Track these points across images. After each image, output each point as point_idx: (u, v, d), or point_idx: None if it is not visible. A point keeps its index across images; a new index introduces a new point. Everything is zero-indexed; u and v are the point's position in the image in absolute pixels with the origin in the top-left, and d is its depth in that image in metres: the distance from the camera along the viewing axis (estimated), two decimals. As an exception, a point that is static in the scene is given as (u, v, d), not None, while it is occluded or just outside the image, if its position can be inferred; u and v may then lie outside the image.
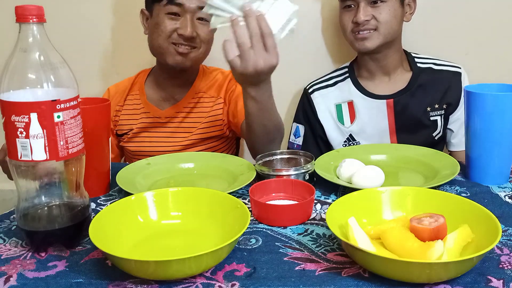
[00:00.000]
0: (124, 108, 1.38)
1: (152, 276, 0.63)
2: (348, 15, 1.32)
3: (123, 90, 1.41)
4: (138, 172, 1.00)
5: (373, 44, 1.30)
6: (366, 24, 1.29)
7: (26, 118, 0.66)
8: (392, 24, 1.30)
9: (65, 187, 0.73)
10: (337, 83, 1.43)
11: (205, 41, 1.25)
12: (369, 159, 1.03)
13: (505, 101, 0.88)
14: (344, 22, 1.34)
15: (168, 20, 1.22)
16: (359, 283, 0.61)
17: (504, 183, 0.93)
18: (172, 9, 1.22)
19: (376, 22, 1.29)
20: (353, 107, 1.40)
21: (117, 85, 1.43)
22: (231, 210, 0.74)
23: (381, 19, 1.29)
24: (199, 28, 1.23)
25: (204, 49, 1.27)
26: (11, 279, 0.65)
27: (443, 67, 1.38)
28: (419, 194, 0.77)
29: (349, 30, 1.33)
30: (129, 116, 1.38)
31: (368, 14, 1.28)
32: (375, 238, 0.69)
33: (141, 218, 0.76)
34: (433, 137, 1.38)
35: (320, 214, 0.82)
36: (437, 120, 1.37)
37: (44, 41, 0.68)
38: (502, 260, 0.66)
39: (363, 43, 1.31)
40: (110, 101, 0.94)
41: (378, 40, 1.30)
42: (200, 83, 1.37)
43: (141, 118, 1.37)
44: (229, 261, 0.67)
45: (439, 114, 1.37)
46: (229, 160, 1.05)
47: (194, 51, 1.25)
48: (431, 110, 1.36)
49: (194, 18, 1.22)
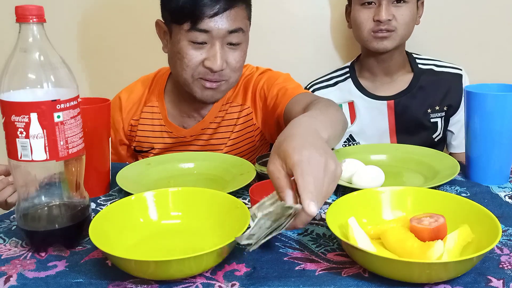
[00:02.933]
0: (141, 123, 1.21)
1: (152, 276, 0.63)
2: (368, 13, 1.29)
3: (138, 99, 1.22)
4: (138, 172, 1.00)
5: (392, 44, 1.29)
6: (387, 24, 1.26)
7: (26, 118, 0.66)
8: (409, 26, 1.30)
9: (65, 187, 0.73)
10: (338, 83, 1.43)
11: (237, 69, 1.07)
12: (369, 159, 1.03)
13: (505, 101, 0.88)
14: (361, 19, 1.30)
15: (193, 50, 1.03)
16: (359, 283, 0.61)
17: (504, 183, 0.92)
18: (197, 37, 1.01)
19: (396, 22, 1.27)
20: (353, 107, 1.39)
21: (130, 92, 1.24)
22: (231, 210, 0.73)
23: (401, 20, 1.27)
24: (230, 55, 1.05)
25: (236, 76, 1.10)
26: (11, 279, 0.65)
27: (444, 68, 1.38)
28: (419, 194, 0.77)
29: (367, 28, 1.29)
30: (148, 132, 1.21)
31: (391, 14, 1.26)
32: (375, 238, 0.69)
33: (141, 218, 0.76)
34: (433, 139, 1.38)
35: (320, 214, 0.82)
36: (438, 122, 1.37)
37: (44, 41, 0.68)
38: (502, 260, 0.66)
39: (383, 42, 1.29)
40: (109, 101, 0.92)
41: (395, 41, 1.29)
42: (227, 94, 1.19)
43: (163, 138, 1.21)
44: (229, 261, 0.67)
45: (440, 116, 1.37)
46: (229, 160, 1.05)
47: (224, 83, 1.08)
48: (432, 112, 1.36)
49: (224, 46, 1.04)
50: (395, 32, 1.28)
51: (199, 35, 1.02)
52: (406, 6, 1.27)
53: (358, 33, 1.34)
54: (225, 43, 1.04)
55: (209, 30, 1.01)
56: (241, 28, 1.04)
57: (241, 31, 1.04)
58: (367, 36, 1.30)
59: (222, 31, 1.01)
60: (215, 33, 1.01)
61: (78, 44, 1.63)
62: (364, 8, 1.29)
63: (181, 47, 1.04)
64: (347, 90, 1.41)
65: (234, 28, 1.03)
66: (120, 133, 1.23)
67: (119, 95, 1.25)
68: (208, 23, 1.00)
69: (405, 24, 1.28)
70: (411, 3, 1.28)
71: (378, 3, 1.27)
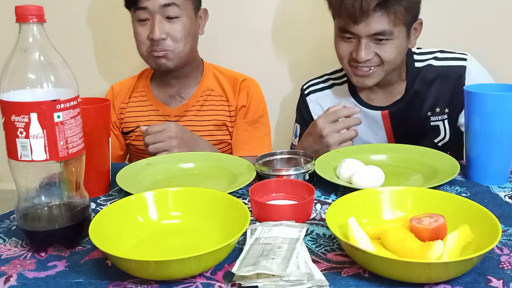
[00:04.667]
0: (130, 106, 1.38)
1: (152, 276, 0.63)
2: (346, 46, 1.16)
3: (128, 87, 1.41)
4: (138, 172, 1.00)
5: (374, 82, 1.18)
6: (367, 62, 1.14)
7: (26, 118, 0.66)
8: (397, 60, 1.16)
9: (65, 187, 0.73)
10: (334, 85, 1.35)
11: (179, 39, 1.24)
12: (369, 159, 1.03)
13: (505, 101, 0.88)
14: (339, 51, 1.18)
15: (140, 27, 1.24)
16: (359, 283, 0.61)
17: (504, 183, 0.93)
18: (140, 15, 1.22)
19: (379, 59, 1.14)
20: None
21: (121, 83, 1.43)
22: (231, 210, 0.74)
23: (386, 58, 1.14)
24: (169, 27, 1.23)
25: (182, 45, 1.25)
26: (11, 279, 0.65)
27: (446, 61, 1.24)
28: (419, 194, 0.77)
29: (345, 62, 1.18)
30: (135, 113, 1.38)
31: (371, 52, 1.13)
32: (375, 238, 0.69)
33: (141, 218, 0.76)
34: (435, 144, 1.28)
35: (320, 214, 0.82)
36: (439, 125, 1.27)
37: (44, 41, 0.68)
38: (502, 260, 0.66)
39: (362, 80, 1.18)
40: (110, 101, 0.94)
41: (380, 76, 1.18)
42: (207, 82, 1.37)
43: (149, 116, 1.37)
44: (229, 261, 0.67)
45: (441, 119, 1.26)
46: (229, 160, 1.05)
47: (170, 52, 1.25)
48: (432, 114, 1.26)
49: (162, 19, 1.22)
50: (380, 67, 1.16)
51: (141, 13, 1.22)
52: (390, 43, 1.12)
53: (339, 61, 1.22)
54: (163, 17, 1.22)
55: (145, 6, 1.20)
56: (174, 3, 1.21)
57: (174, 5, 1.22)
58: (347, 68, 1.20)
59: (156, 6, 1.20)
60: (151, 8, 1.20)
61: (78, 44, 1.63)
62: (342, 41, 1.17)
63: (134, 28, 1.26)
64: (343, 95, 1.33)
65: (166, 2, 1.21)
66: (113, 115, 1.39)
67: (112, 86, 1.44)
68: (144, 1, 1.21)
69: (391, 60, 1.15)
70: (397, 38, 1.13)
71: (357, 40, 1.13)
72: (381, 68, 1.16)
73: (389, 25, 1.10)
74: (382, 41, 1.12)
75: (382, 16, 1.09)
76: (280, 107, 1.64)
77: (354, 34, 1.13)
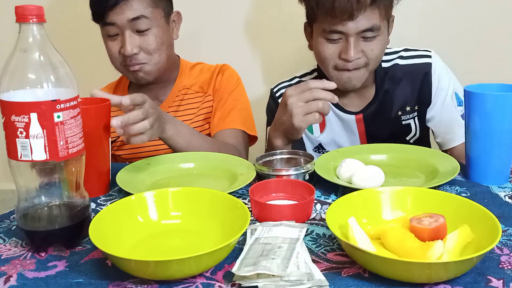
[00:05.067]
0: None
1: (152, 276, 0.63)
2: (333, 48, 1.12)
3: None
4: (138, 172, 1.00)
5: (361, 82, 1.16)
6: (356, 61, 1.12)
7: (26, 118, 0.66)
8: (380, 57, 1.16)
9: (65, 187, 0.73)
10: None
11: (152, 51, 1.19)
12: (369, 159, 1.03)
13: (505, 101, 0.88)
14: (325, 54, 1.14)
15: (111, 42, 1.19)
16: (359, 283, 0.61)
17: (504, 183, 0.92)
18: (109, 30, 1.17)
19: (366, 58, 1.13)
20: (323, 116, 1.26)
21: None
22: (231, 210, 0.74)
23: (372, 55, 1.12)
24: (141, 41, 1.18)
25: (157, 56, 1.21)
26: (11, 279, 0.65)
27: (411, 60, 1.24)
28: (419, 194, 0.77)
29: (331, 65, 1.14)
30: None
31: (359, 51, 1.11)
32: (375, 238, 0.69)
33: (141, 218, 0.76)
34: (407, 141, 1.28)
35: (320, 214, 0.82)
36: (410, 123, 1.26)
37: (44, 41, 0.68)
38: (502, 260, 0.66)
39: (351, 82, 1.15)
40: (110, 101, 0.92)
41: (365, 77, 1.16)
42: (183, 80, 1.34)
43: None
44: (229, 261, 0.67)
45: (412, 117, 1.26)
46: (229, 160, 1.05)
47: (146, 65, 1.21)
48: (403, 113, 1.25)
49: (132, 33, 1.17)
50: (365, 68, 1.14)
51: (110, 28, 1.16)
52: (377, 39, 1.11)
53: (321, 66, 1.19)
54: (133, 30, 1.16)
55: (113, 22, 1.15)
56: (143, 15, 1.16)
57: (143, 17, 1.16)
58: (332, 72, 1.16)
59: (124, 21, 1.14)
60: (120, 23, 1.15)
61: (78, 44, 1.63)
62: (328, 43, 1.13)
63: (104, 42, 1.21)
64: None
65: (134, 16, 1.15)
66: None
67: None
68: (111, 16, 1.14)
69: (376, 58, 1.14)
70: (382, 34, 1.12)
71: (345, 39, 1.11)
72: (365, 69, 1.15)
73: (378, 19, 1.10)
74: (369, 38, 1.11)
75: (373, 11, 1.08)
76: None
77: (342, 33, 1.10)
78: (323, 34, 1.13)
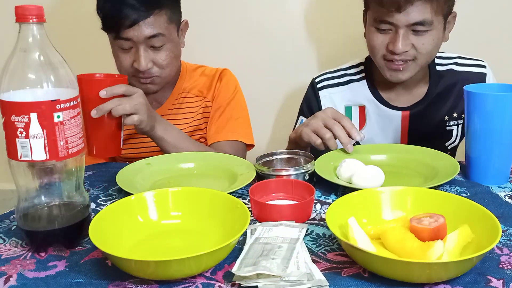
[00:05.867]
0: None
1: (152, 276, 0.63)
2: (382, 38, 1.13)
3: None
4: (138, 172, 1.00)
5: (408, 76, 1.15)
6: (403, 54, 1.11)
7: (26, 118, 0.66)
8: (432, 53, 1.14)
9: (65, 187, 0.73)
10: (351, 82, 1.29)
11: (165, 66, 1.21)
12: (369, 159, 1.03)
13: (505, 101, 0.88)
14: (374, 43, 1.14)
15: (122, 54, 1.19)
16: (359, 283, 0.61)
17: (504, 183, 0.93)
18: (122, 44, 1.17)
19: (415, 52, 1.11)
20: (364, 113, 1.27)
21: None
22: (231, 210, 0.74)
23: (422, 50, 1.11)
24: (155, 56, 1.18)
25: (169, 70, 1.23)
26: (11, 279, 0.65)
27: (466, 67, 1.25)
28: (419, 194, 0.77)
29: (379, 55, 1.15)
30: None
31: (408, 43, 1.10)
32: (375, 238, 0.69)
33: (141, 218, 0.76)
34: (445, 147, 1.27)
35: (320, 214, 0.82)
36: (453, 130, 1.26)
37: (44, 41, 0.68)
38: (502, 260, 0.66)
39: (396, 74, 1.14)
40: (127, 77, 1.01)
41: (414, 71, 1.15)
42: (182, 83, 1.34)
43: None
44: (229, 261, 0.67)
45: (456, 124, 1.25)
46: (229, 160, 1.05)
47: (157, 77, 1.21)
48: (449, 119, 1.25)
49: (147, 48, 1.17)
50: (414, 62, 1.13)
51: (124, 42, 1.16)
52: (429, 34, 1.10)
53: (371, 55, 1.19)
54: (148, 46, 1.17)
55: (130, 38, 1.14)
56: (160, 33, 1.16)
57: (160, 35, 1.17)
58: (380, 62, 1.16)
59: (142, 38, 1.14)
60: (136, 39, 1.14)
61: (78, 44, 1.63)
62: (378, 32, 1.14)
63: (114, 51, 1.21)
64: (361, 92, 1.27)
65: (152, 34, 1.15)
66: None
67: None
68: (128, 33, 1.14)
69: (427, 53, 1.12)
70: (435, 29, 1.10)
71: (394, 31, 1.10)
72: (415, 63, 1.14)
73: (430, 14, 1.08)
74: (420, 32, 1.10)
75: (424, 4, 1.07)
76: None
77: (392, 24, 1.10)
78: (374, 23, 1.14)
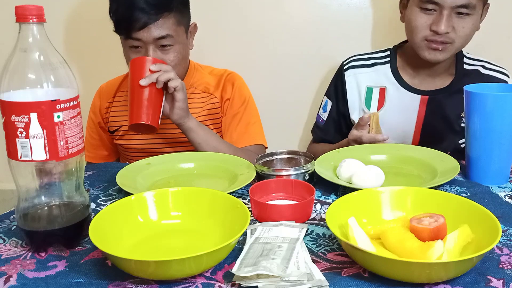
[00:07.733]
0: (114, 105, 1.38)
1: (152, 276, 0.63)
2: (425, 19, 1.17)
3: (113, 86, 1.40)
4: (138, 172, 1.00)
5: (445, 56, 1.20)
6: (445, 36, 1.16)
7: (26, 118, 0.66)
8: (468, 38, 1.20)
9: (65, 187, 0.73)
10: (375, 65, 1.35)
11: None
12: (369, 159, 1.03)
13: (505, 101, 0.88)
14: (417, 23, 1.19)
15: (133, 53, 1.22)
16: (359, 283, 0.61)
17: (504, 183, 0.93)
18: (132, 43, 1.21)
19: (454, 35, 1.17)
20: (384, 94, 1.32)
21: (108, 82, 1.43)
22: (231, 210, 0.74)
23: (461, 33, 1.17)
24: (163, 57, 1.22)
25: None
26: (11, 279, 0.65)
27: (492, 72, 1.30)
28: (419, 194, 0.77)
29: (421, 35, 1.19)
30: (119, 112, 1.36)
31: (450, 25, 1.15)
32: (375, 238, 0.69)
33: (141, 218, 0.76)
34: (459, 144, 1.28)
35: (320, 214, 0.82)
36: None
37: (44, 41, 0.68)
38: (502, 260, 0.66)
39: (435, 54, 1.19)
40: None
41: (450, 53, 1.20)
42: (190, 79, 1.36)
43: None
44: (229, 261, 0.67)
45: None
46: (229, 160, 1.05)
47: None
48: None
49: (156, 48, 1.21)
50: (451, 45, 1.18)
51: (134, 42, 1.20)
52: (470, 18, 1.16)
53: (410, 35, 1.24)
54: (157, 46, 1.21)
55: (140, 38, 1.19)
56: (168, 34, 1.20)
57: (169, 37, 1.21)
58: (420, 43, 1.21)
59: (151, 39, 1.19)
60: (145, 40, 1.19)
61: (78, 44, 1.63)
62: (422, 12, 1.18)
63: (125, 52, 1.25)
64: (383, 74, 1.33)
65: (161, 35, 1.19)
66: (98, 116, 1.40)
67: (101, 86, 1.43)
68: (138, 34, 1.18)
69: (465, 37, 1.18)
70: (475, 14, 1.16)
71: (439, 11, 1.16)
72: (452, 46, 1.19)
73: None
74: (463, 15, 1.15)
75: None
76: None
77: (438, 5, 1.15)
78: (419, 3, 1.18)
